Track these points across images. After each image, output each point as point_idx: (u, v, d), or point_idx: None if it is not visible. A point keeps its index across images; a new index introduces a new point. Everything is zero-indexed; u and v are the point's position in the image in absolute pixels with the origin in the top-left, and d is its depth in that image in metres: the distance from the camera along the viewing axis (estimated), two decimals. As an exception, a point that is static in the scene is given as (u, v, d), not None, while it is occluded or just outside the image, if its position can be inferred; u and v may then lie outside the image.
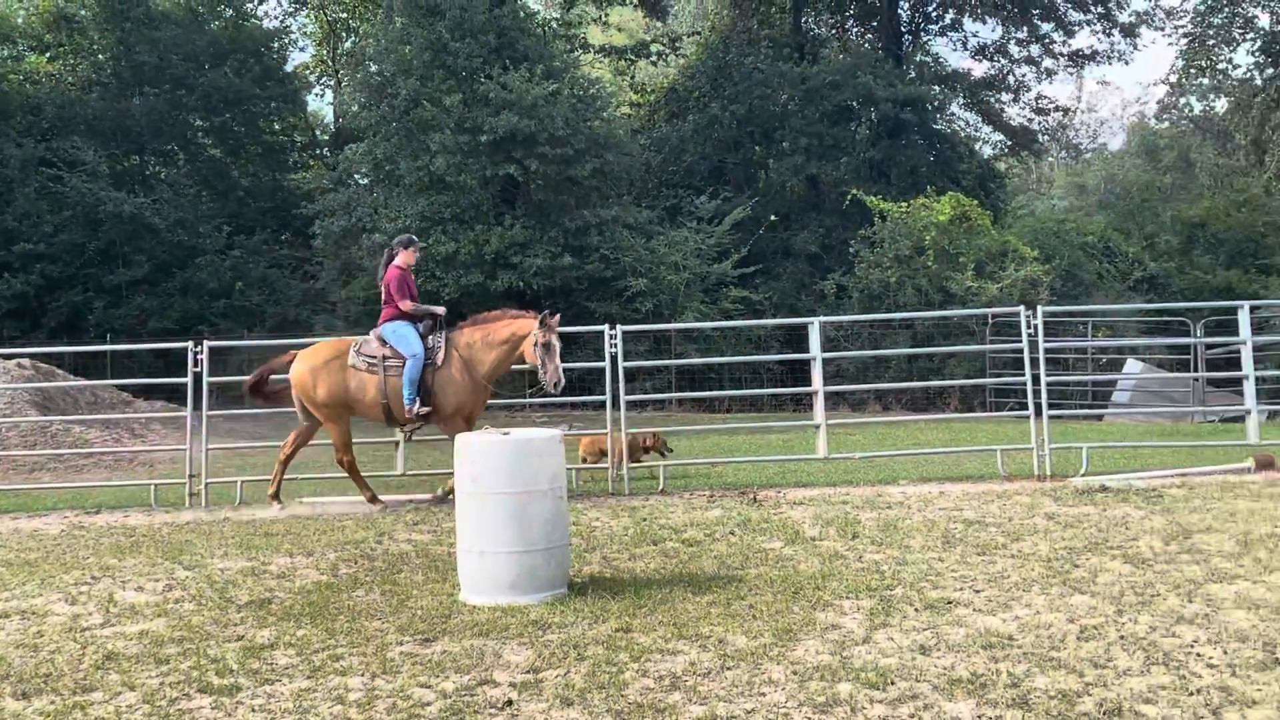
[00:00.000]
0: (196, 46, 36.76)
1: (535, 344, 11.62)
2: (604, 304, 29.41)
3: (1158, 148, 56.05)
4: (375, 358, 11.88)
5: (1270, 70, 28.93)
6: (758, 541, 9.20)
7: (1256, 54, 29.21)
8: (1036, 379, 13.32)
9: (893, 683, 5.60)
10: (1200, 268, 37.57)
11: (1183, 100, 38.27)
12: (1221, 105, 34.45)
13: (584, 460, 13.81)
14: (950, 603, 7.08)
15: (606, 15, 41.59)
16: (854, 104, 37.17)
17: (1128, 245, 37.34)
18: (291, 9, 44.51)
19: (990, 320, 25.82)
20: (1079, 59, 42.24)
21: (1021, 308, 13.93)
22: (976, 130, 43.49)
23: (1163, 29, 32.64)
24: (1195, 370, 24.22)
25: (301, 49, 53.06)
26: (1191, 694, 5.31)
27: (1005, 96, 42.36)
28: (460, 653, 6.35)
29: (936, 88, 39.42)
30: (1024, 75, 42.64)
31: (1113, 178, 52.45)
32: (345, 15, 43.25)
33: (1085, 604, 6.93)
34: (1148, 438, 17.58)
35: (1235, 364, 16.07)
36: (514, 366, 12.24)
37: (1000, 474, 13.02)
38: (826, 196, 36.54)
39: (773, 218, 34.43)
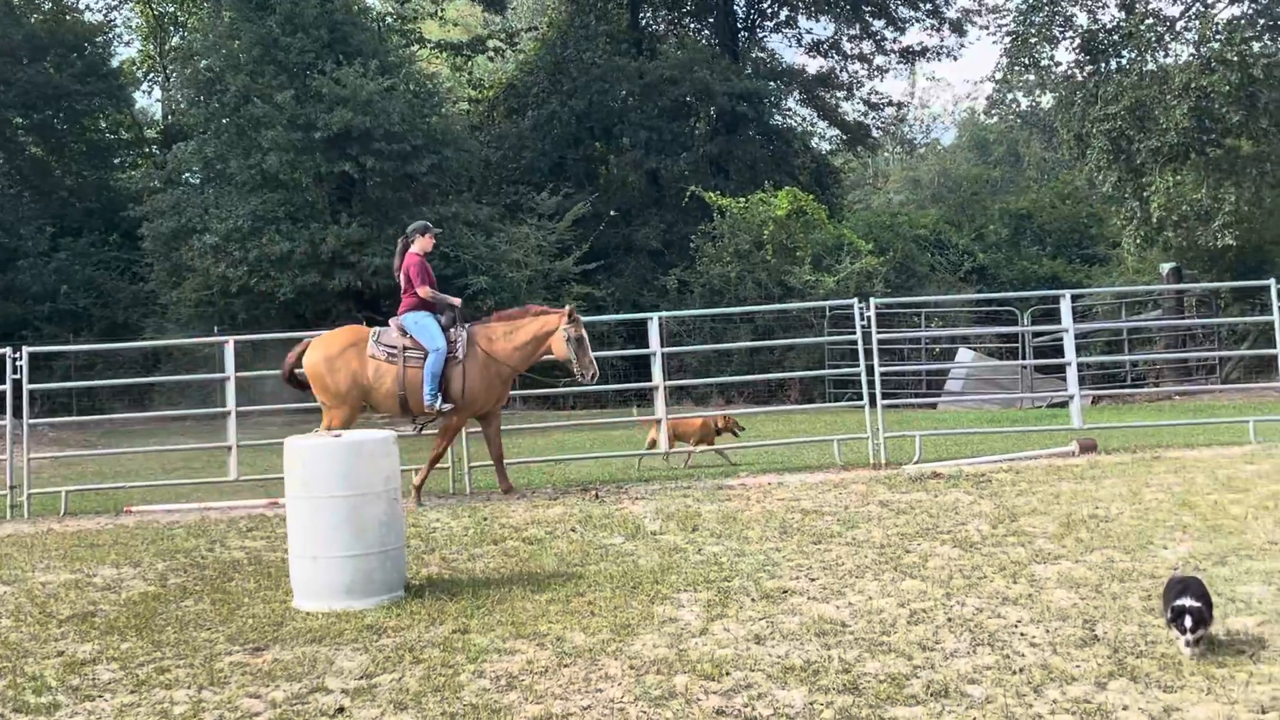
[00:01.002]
0: (13, 41, 35.20)
1: (567, 339, 11.75)
2: (445, 302, 29.12)
3: (987, 142, 57.87)
4: (395, 348, 11.67)
5: (1090, 67, 30.03)
6: (599, 538, 9.23)
7: (1076, 51, 30.31)
8: (871, 370, 13.62)
9: (728, 673, 5.67)
10: (1028, 258, 38.93)
11: (1010, 96, 39.44)
12: (1047, 101, 35.65)
13: (651, 444, 14.19)
14: (786, 592, 7.21)
15: (443, 10, 41.19)
16: (692, 99, 37.52)
17: (959, 237, 38.49)
18: (115, 2, 43.01)
19: (828, 313, 26.36)
20: (910, 55, 43.39)
21: (856, 300, 14.24)
22: (813, 126, 44.32)
23: (988, 27, 33.70)
24: (1023, 358, 25.09)
25: (127, 44, 51.27)
26: (1015, 673, 5.49)
27: (840, 92, 43.26)
28: (292, 661, 6.22)
29: (773, 83, 40.04)
30: (857, 71, 43.63)
31: (945, 171, 53.96)
32: (173, 9, 41.90)
33: (916, 588, 7.12)
34: (978, 424, 18.16)
35: (1061, 351, 16.67)
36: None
37: (837, 463, 13.28)
38: (667, 192, 36.82)
39: (614, 213, 34.59)
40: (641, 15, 41.97)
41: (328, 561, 7.39)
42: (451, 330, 11.77)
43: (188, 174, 33.68)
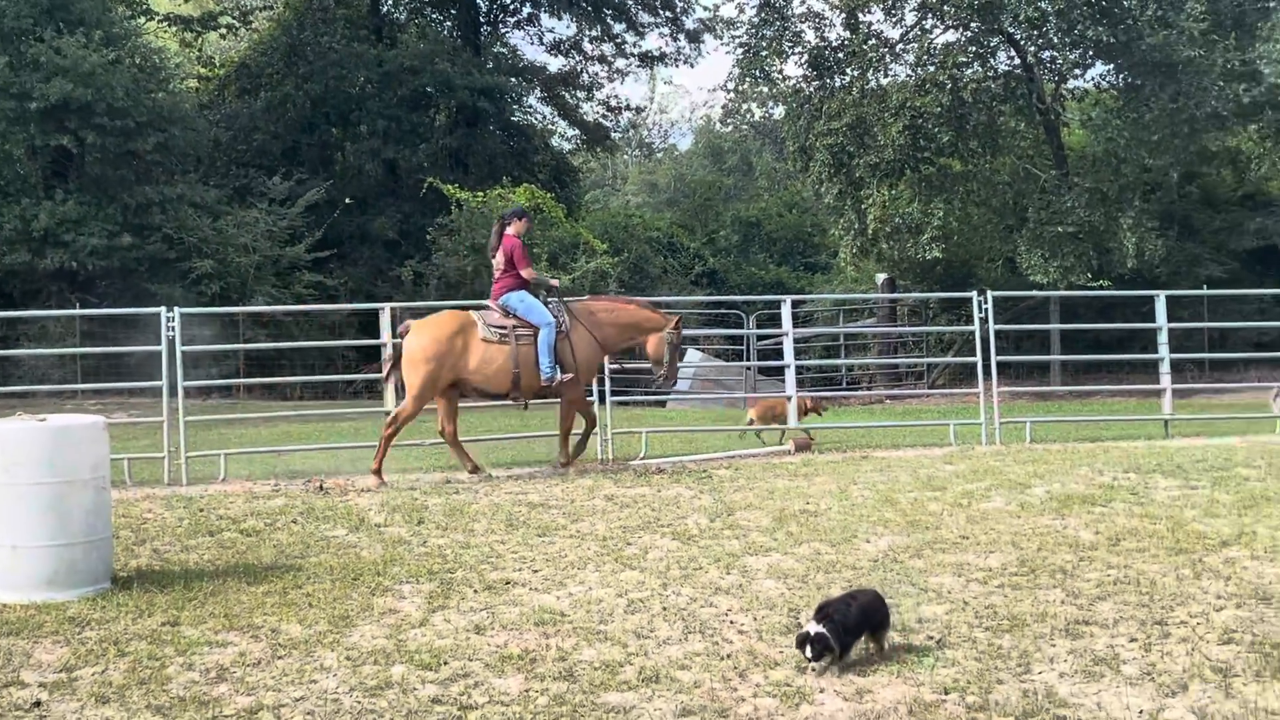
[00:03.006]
0: None
1: (669, 342, 12.58)
2: (167, 286, 27.81)
3: (722, 150, 59.47)
4: (505, 328, 12.03)
5: (816, 83, 31.27)
6: (321, 529, 9.06)
7: (804, 67, 31.51)
8: (602, 368, 13.82)
9: (446, 663, 5.69)
10: (755, 264, 40.27)
11: (744, 107, 40.70)
12: (777, 113, 36.98)
13: (750, 422, 15.19)
14: (509, 583, 7.26)
15: (172, -18, 39.48)
16: (433, 91, 37.15)
17: (692, 241, 39.47)
18: None
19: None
20: (649, 60, 44.16)
21: (588, 299, 14.41)
22: (553, 124, 44.57)
23: (722, 38, 34.69)
24: (747, 359, 25.94)
25: None
26: (723, 658, 5.71)
27: (580, 93, 43.66)
28: (-17, 657, 5.89)
29: (514, 79, 40.05)
30: (598, 73, 44.11)
31: (681, 177, 55.15)
32: None
33: (634, 579, 7.30)
34: (703, 423, 18.70)
35: (782, 354, 17.32)
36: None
37: (559, 459, 13.40)
38: (405, 182, 36.31)
39: (349, 201, 33.86)
40: (383, 3, 41.26)
41: (29, 551, 7.02)
42: (552, 306, 12.31)
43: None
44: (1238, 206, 36.22)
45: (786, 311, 15.12)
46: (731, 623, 6.32)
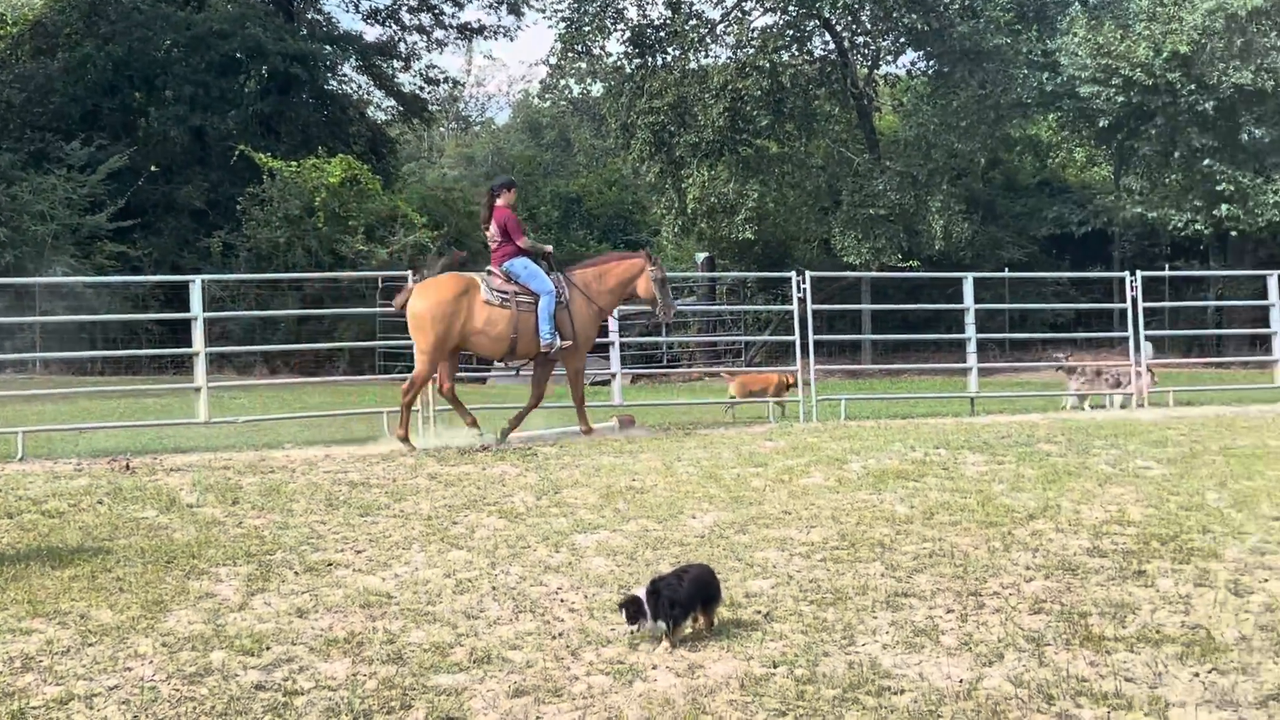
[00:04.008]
0: None
1: (654, 279, 12.85)
2: (-47, 255, 26.45)
3: (541, 125, 59.29)
4: (507, 293, 12.36)
5: (638, 61, 31.42)
6: (130, 511, 8.70)
7: (626, 44, 31.61)
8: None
9: (268, 647, 5.54)
10: (576, 241, 40.31)
11: (563, 82, 40.60)
12: (597, 90, 37.01)
13: (732, 397, 15.94)
14: (331, 564, 7.11)
15: (-40, -67, 37.28)
16: (243, 56, 35.95)
17: (511, 216, 39.19)
18: None
19: (380, 284, 26.12)
20: (467, 31, 43.58)
21: (410, 272, 14.19)
22: (369, 94, 43.66)
23: (544, 11, 34.52)
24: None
25: None
26: (554, 637, 5.70)
27: (397, 63, 42.84)
28: None
29: (329, 47, 39.08)
30: (416, 44, 43.34)
31: (500, 151, 54.83)
32: None
33: (462, 559, 7.22)
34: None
35: (605, 331, 17.34)
36: None
37: (387, 436, 13.21)
38: (213, 150, 35.10)
39: (154, 169, 32.59)
40: (191, -37, 39.75)
41: None
42: (551, 275, 12.63)
43: None
44: (1037, 193, 37.82)
45: (608, 289, 15.11)
46: (562, 601, 6.31)
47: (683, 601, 5.57)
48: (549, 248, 13.26)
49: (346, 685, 5.09)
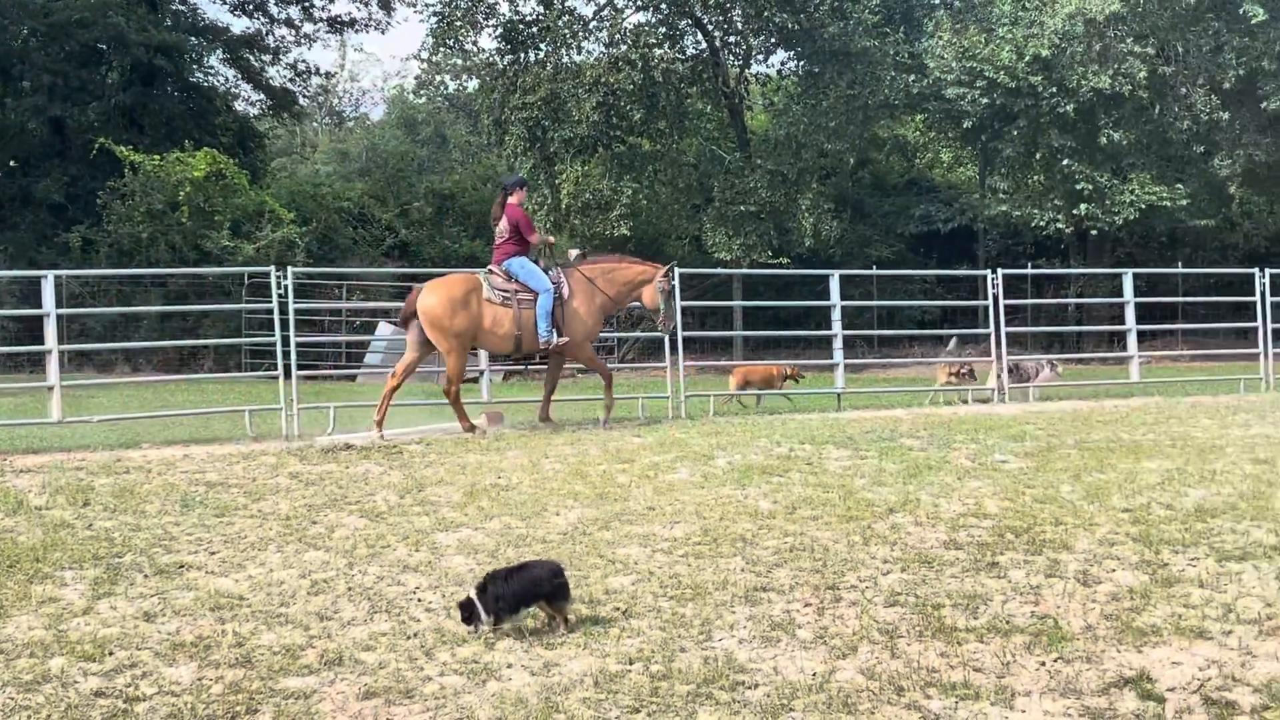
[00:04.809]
0: None
1: (661, 290, 13.38)
2: None
3: (416, 121, 58.57)
4: (508, 292, 12.71)
5: (510, 56, 31.24)
6: (-29, 514, 8.37)
7: (498, 40, 31.42)
8: (286, 340, 13.40)
9: (111, 653, 5.35)
10: (449, 237, 39.87)
11: (438, 78, 40.19)
12: (472, 85, 36.72)
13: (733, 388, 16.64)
14: (183, 566, 6.91)
15: None
16: (104, 46, 34.92)
17: (383, 212, 38.70)
18: None
19: (246, 280, 25.61)
20: (338, 25, 42.90)
21: (273, 268, 13.92)
22: (236, 87, 42.70)
23: (414, 5, 34.10)
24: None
25: None
26: (409, 637, 5.60)
27: (266, 56, 41.97)
28: None
29: (194, 38, 38.16)
30: (284, 36, 42.52)
31: (374, 147, 53.94)
32: None
33: (319, 559, 7.07)
34: (400, 398, 18.33)
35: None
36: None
37: (249, 435, 12.94)
38: (73, 143, 34.04)
39: (11, 163, 31.49)
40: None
41: None
42: (551, 273, 12.93)
43: None
44: (905, 192, 38.55)
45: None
46: (419, 601, 6.20)
47: (509, 597, 5.54)
48: (552, 239, 13.87)
49: (191, 690, 4.93)
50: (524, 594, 5.59)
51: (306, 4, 41.41)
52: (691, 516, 8.06)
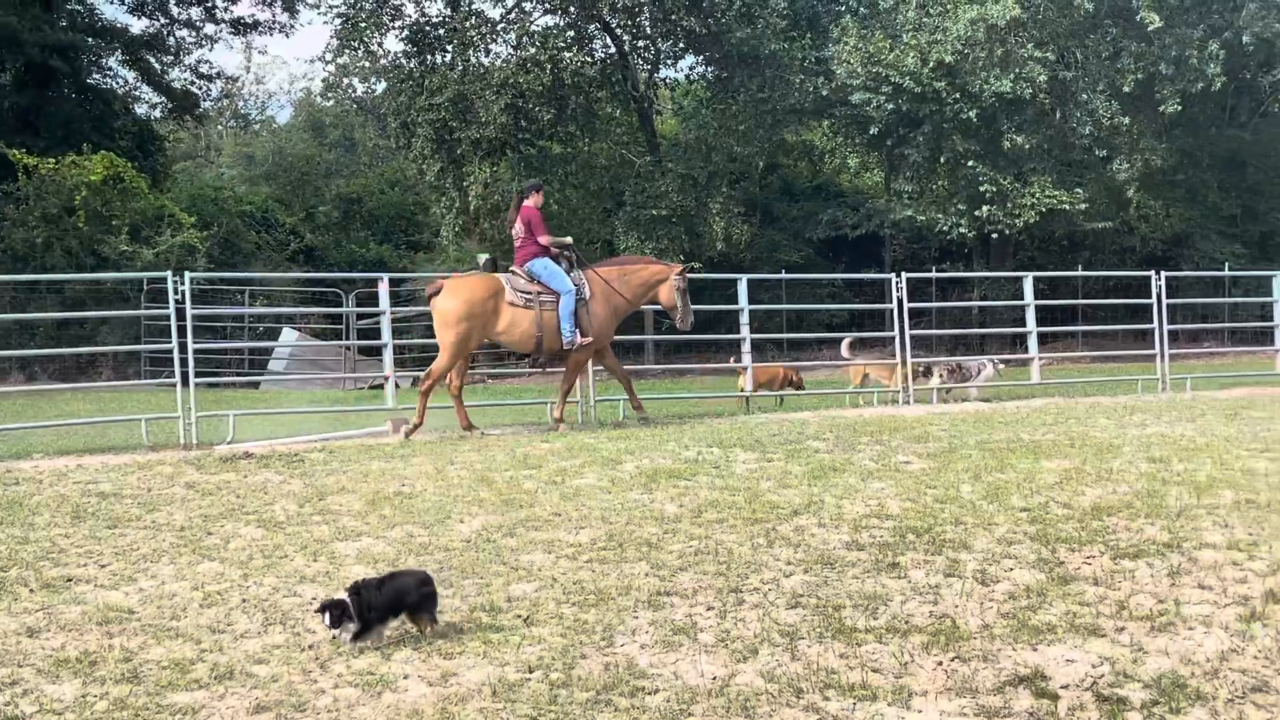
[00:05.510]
0: None
1: (677, 289, 13.64)
2: None
3: (323, 124, 57.98)
4: (530, 293, 13.01)
5: (417, 58, 31.02)
6: None
7: (405, 41, 31.18)
8: (185, 347, 13.15)
9: (-10, 672, 5.18)
10: (356, 242, 39.52)
11: (345, 80, 39.78)
12: (380, 88, 36.38)
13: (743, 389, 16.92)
14: (71, 580, 6.73)
15: None
16: (-3, 47, 34.05)
17: (288, 217, 38.21)
18: None
19: (145, 286, 25.11)
20: (242, 27, 42.21)
21: (170, 273, 13.66)
22: (136, 89, 41.86)
23: (318, 7, 33.67)
24: (346, 339, 25.42)
25: None
26: (304, 650, 5.49)
27: (167, 57, 41.17)
28: None
29: (91, 39, 37.33)
30: (185, 38, 41.72)
31: (280, 150, 53.27)
32: None
33: (213, 571, 6.92)
34: (299, 405, 18.12)
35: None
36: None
37: (144, 444, 12.68)
38: (-36, 146, 33.11)
39: (-101, 168, 30.54)
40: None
41: None
42: (574, 274, 13.22)
43: None
44: (813, 197, 38.88)
45: (384, 290, 14.96)
46: (316, 612, 6.09)
47: (379, 605, 5.47)
48: (569, 239, 13.92)
49: (74, 708, 4.79)
50: (393, 603, 5.54)
51: (208, 5, 40.69)
52: (597, 521, 8.03)
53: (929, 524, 7.64)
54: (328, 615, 5.42)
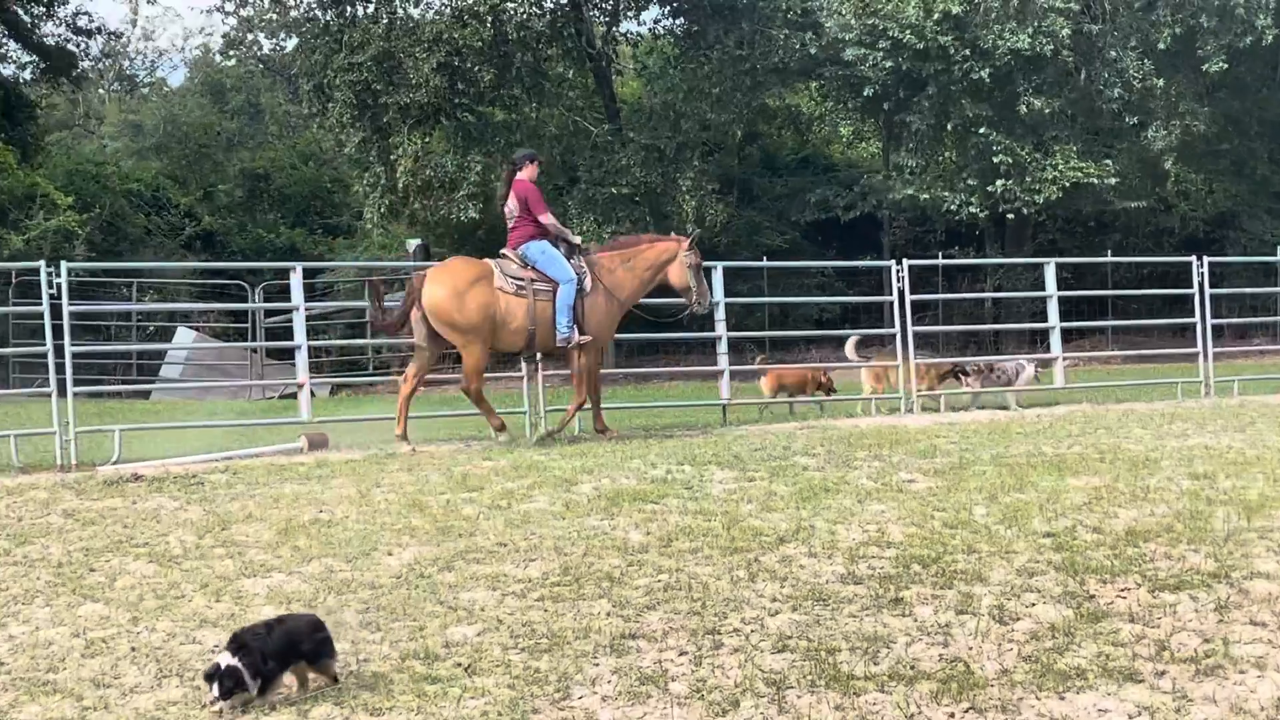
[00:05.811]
0: None
1: (688, 266, 13.54)
2: None
3: (224, 88, 57.62)
4: (522, 280, 12.89)
5: (335, 10, 30.89)
6: None
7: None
8: (61, 350, 13.05)
9: None
10: (264, 226, 39.37)
11: (250, 36, 39.53)
12: (291, 45, 36.22)
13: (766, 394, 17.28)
14: (-74, 627, 6.67)
15: None
16: None
17: (183, 197, 38.03)
18: None
19: (13, 279, 24.87)
20: (127, -28, 41.99)
21: (43, 263, 13.56)
22: (1, 47, 41.48)
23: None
24: (252, 339, 25.29)
25: None
26: (204, 706, 5.47)
27: (37, 8, 40.80)
28: None
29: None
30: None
31: (173, 118, 52.94)
32: None
33: (97, 614, 6.90)
34: (196, 417, 18.03)
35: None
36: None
37: (14, 465, 12.59)
38: None
39: None
40: None
41: None
42: (574, 261, 13.10)
43: None
44: (800, 172, 38.87)
45: (297, 281, 14.88)
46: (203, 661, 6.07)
47: (272, 655, 5.43)
48: (577, 239, 13.87)
49: (-68, 780, 4.76)
50: (286, 653, 5.52)
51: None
52: (550, 552, 8.03)
53: (937, 553, 7.67)
54: (218, 685, 5.30)
